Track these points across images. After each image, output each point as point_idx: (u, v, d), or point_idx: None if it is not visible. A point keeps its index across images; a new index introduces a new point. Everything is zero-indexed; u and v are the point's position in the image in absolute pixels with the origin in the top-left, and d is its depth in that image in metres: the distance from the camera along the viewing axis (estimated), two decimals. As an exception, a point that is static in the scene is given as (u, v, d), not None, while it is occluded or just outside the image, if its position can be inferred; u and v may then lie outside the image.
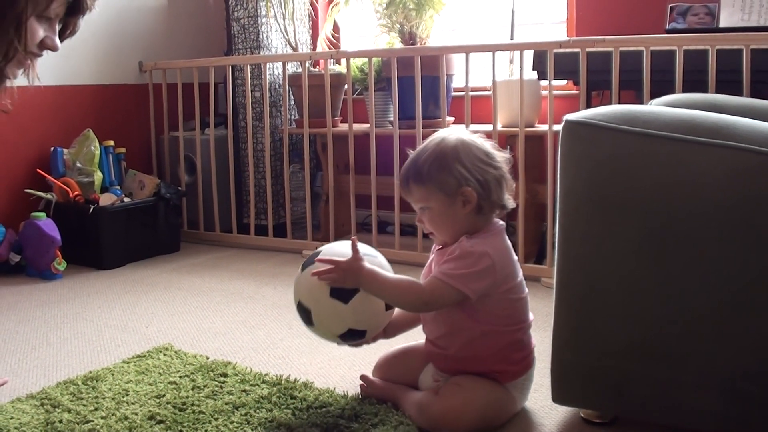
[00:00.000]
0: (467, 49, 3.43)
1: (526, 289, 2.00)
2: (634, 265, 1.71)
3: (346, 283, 1.89)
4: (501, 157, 1.97)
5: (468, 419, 1.86)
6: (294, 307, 2.02)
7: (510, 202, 1.98)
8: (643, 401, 1.77)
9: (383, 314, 1.99)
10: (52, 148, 3.93)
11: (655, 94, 2.72)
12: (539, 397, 2.08)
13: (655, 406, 1.76)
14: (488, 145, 1.96)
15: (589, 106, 3.15)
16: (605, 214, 1.73)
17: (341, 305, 1.90)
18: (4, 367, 2.41)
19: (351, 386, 2.16)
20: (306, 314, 1.96)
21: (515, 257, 1.98)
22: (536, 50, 3.37)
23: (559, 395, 1.89)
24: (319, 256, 1.94)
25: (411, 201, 1.99)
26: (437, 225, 1.97)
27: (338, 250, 1.97)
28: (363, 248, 1.95)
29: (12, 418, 1.98)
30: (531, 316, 2.01)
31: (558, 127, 1.87)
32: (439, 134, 1.97)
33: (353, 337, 1.97)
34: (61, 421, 1.95)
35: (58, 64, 4.01)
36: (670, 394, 1.74)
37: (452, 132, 1.98)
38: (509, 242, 1.98)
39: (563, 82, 3.80)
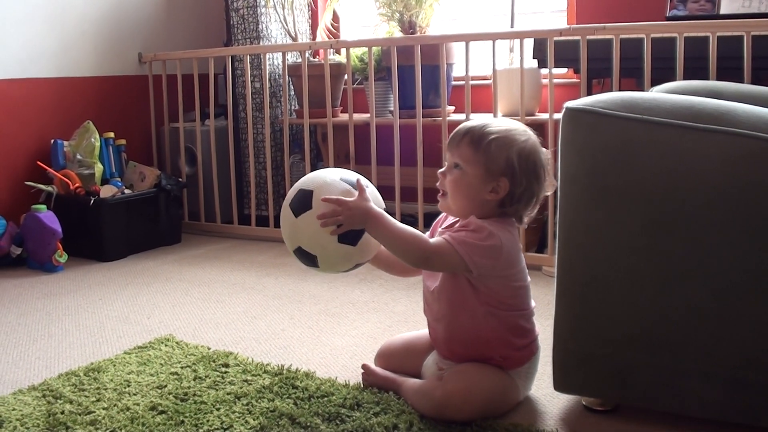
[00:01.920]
0: (467, 38, 3.42)
1: (529, 278, 1.98)
2: (636, 252, 1.71)
3: (353, 225, 1.87)
4: (550, 184, 1.96)
5: (472, 405, 1.86)
6: (290, 253, 1.99)
7: (525, 221, 1.98)
8: (644, 389, 1.77)
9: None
10: (52, 141, 3.92)
11: (655, 82, 2.71)
12: (541, 385, 2.08)
13: (657, 394, 1.76)
14: (549, 167, 1.96)
15: (589, 93, 3.14)
16: (606, 201, 1.72)
17: (350, 248, 1.89)
18: (7, 359, 2.41)
19: (352, 376, 2.16)
20: (310, 259, 1.92)
21: (520, 247, 1.97)
22: (536, 38, 3.36)
23: (561, 383, 1.89)
24: (324, 196, 1.89)
25: (450, 154, 1.95)
26: (457, 190, 1.93)
27: (329, 181, 1.94)
28: (363, 180, 1.95)
29: (14, 409, 1.98)
30: (533, 303, 2.01)
31: (559, 116, 1.87)
32: (524, 127, 1.97)
33: (356, 268, 1.99)
34: (62, 413, 1.95)
35: (58, 56, 4.01)
36: (671, 382, 1.74)
37: (533, 133, 1.97)
38: (517, 234, 1.96)
39: (564, 70, 3.79)
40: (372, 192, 1.97)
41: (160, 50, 4.41)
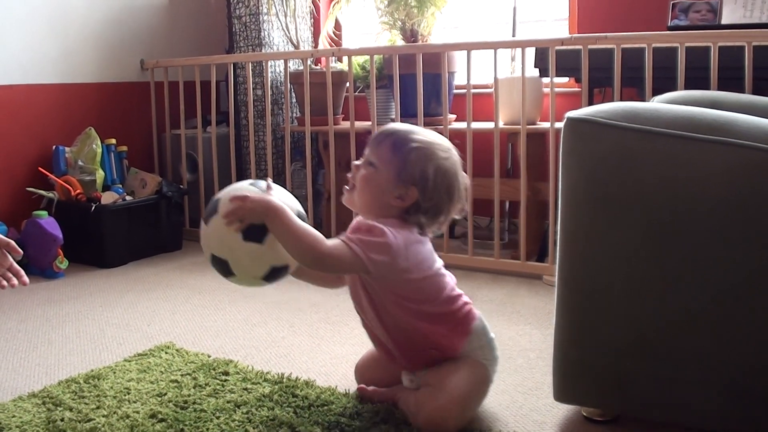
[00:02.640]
0: (469, 47, 3.42)
1: (437, 264, 1.98)
2: (636, 262, 1.71)
3: (253, 218, 1.82)
4: (461, 208, 1.97)
5: (454, 415, 1.86)
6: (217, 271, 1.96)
7: (426, 234, 1.97)
8: (645, 399, 1.77)
9: None
10: (53, 147, 3.93)
11: (657, 91, 2.72)
12: (541, 394, 2.08)
13: (657, 404, 1.76)
14: (463, 186, 1.96)
15: (591, 103, 3.14)
16: (607, 211, 1.72)
17: (257, 246, 1.83)
18: (7, 366, 2.41)
19: (352, 384, 2.16)
20: (223, 265, 1.89)
21: (422, 239, 1.95)
22: (538, 47, 3.37)
23: (561, 393, 1.89)
24: (232, 194, 1.87)
25: (370, 151, 1.95)
26: (366, 186, 1.94)
27: (237, 186, 1.94)
28: (273, 184, 1.95)
29: (14, 416, 1.98)
30: (453, 280, 2.03)
31: (560, 125, 1.87)
32: (450, 145, 1.97)
33: (277, 275, 1.91)
34: (62, 420, 1.95)
35: (60, 62, 4.02)
36: (672, 392, 1.74)
37: (455, 152, 1.97)
38: (424, 240, 1.96)
39: (565, 79, 3.80)
40: (283, 194, 1.95)
41: (162, 57, 4.42)
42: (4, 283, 2.09)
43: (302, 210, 1.96)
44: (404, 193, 1.89)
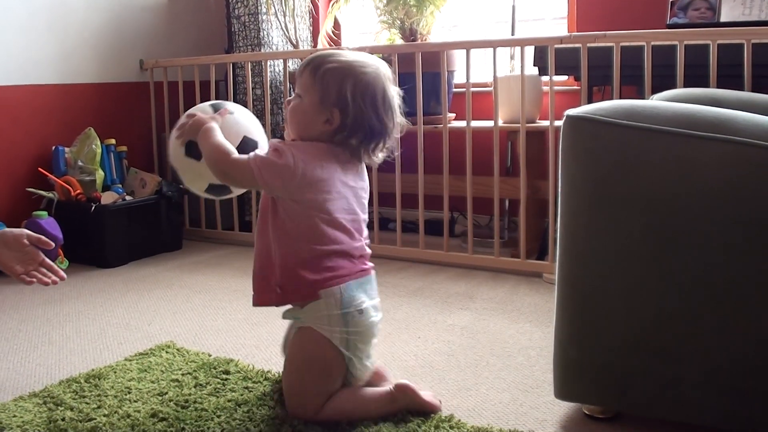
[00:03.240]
0: (468, 45, 3.42)
1: (350, 215, 1.95)
2: (636, 260, 1.71)
3: (190, 135, 1.97)
4: (398, 119, 1.97)
5: (292, 392, 1.92)
6: None
7: (373, 160, 1.98)
8: (645, 397, 1.77)
9: None
10: (53, 147, 3.93)
11: (656, 89, 2.72)
12: (542, 392, 2.09)
13: (658, 402, 1.76)
14: (395, 99, 1.96)
15: (590, 101, 3.14)
16: (607, 209, 1.72)
17: (195, 162, 1.99)
18: (8, 366, 2.42)
19: (353, 383, 2.16)
20: (175, 174, 2.07)
21: (343, 180, 1.93)
22: (537, 46, 3.37)
23: (562, 391, 1.89)
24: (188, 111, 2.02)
25: (297, 86, 1.97)
26: (293, 117, 1.96)
27: (198, 106, 2.07)
28: (230, 107, 2.05)
29: (15, 416, 1.98)
30: (364, 246, 2.00)
31: (559, 123, 1.87)
32: (376, 62, 1.96)
33: (218, 191, 2.07)
34: (63, 419, 1.95)
35: (60, 63, 4.02)
36: (672, 390, 1.74)
37: (379, 65, 1.96)
38: (341, 164, 1.93)
39: (564, 77, 3.80)
40: (244, 117, 2.07)
41: (161, 57, 4.42)
42: (45, 279, 2.13)
43: (257, 137, 2.06)
44: (330, 117, 1.89)
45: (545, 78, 3.39)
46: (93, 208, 3.69)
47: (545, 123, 3.42)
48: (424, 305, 2.93)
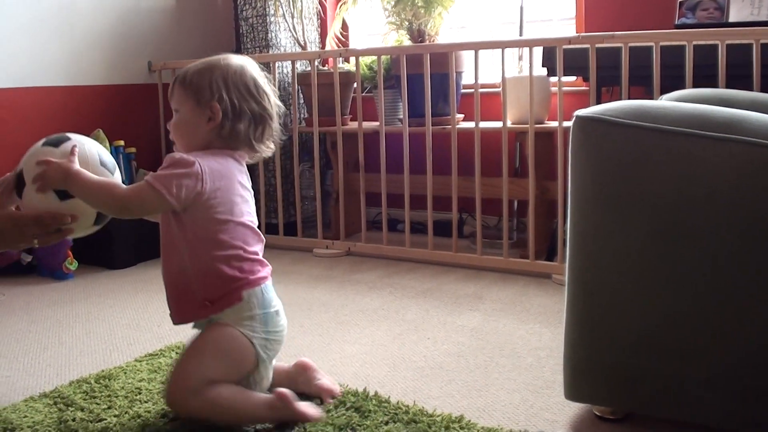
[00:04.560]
0: (476, 46, 3.42)
1: (249, 220, 1.95)
2: (646, 260, 1.71)
3: (55, 185, 1.85)
4: (274, 102, 2.00)
5: (176, 388, 1.85)
6: None
7: (264, 149, 2.01)
8: (655, 397, 1.77)
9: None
10: (62, 149, 3.93)
11: (665, 90, 2.72)
12: (552, 393, 2.08)
13: (668, 402, 1.76)
14: (267, 85, 1.99)
15: (599, 102, 3.14)
16: (616, 209, 1.72)
17: (75, 201, 1.88)
18: (18, 367, 2.42)
19: (363, 383, 2.16)
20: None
21: (242, 181, 1.95)
22: (545, 46, 3.37)
23: (572, 392, 1.89)
24: (35, 160, 1.88)
25: (172, 104, 1.97)
26: (179, 132, 1.95)
27: (32, 151, 1.95)
28: (75, 138, 1.95)
29: (25, 416, 1.99)
30: (256, 250, 1.96)
31: (568, 124, 1.87)
32: (241, 56, 2.01)
33: (104, 218, 2.01)
34: (74, 420, 1.96)
35: (68, 65, 4.02)
36: (681, 390, 1.73)
37: (243, 59, 2.00)
38: (238, 166, 1.95)
39: (572, 78, 3.80)
40: (87, 145, 1.96)
41: (169, 59, 4.43)
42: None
43: (107, 158, 2.00)
44: (211, 113, 1.90)
45: (554, 79, 3.38)
46: (102, 209, 3.69)
47: (554, 124, 3.42)
48: (433, 306, 2.93)
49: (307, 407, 1.91)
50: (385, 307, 2.95)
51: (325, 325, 2.75)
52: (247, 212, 1.95)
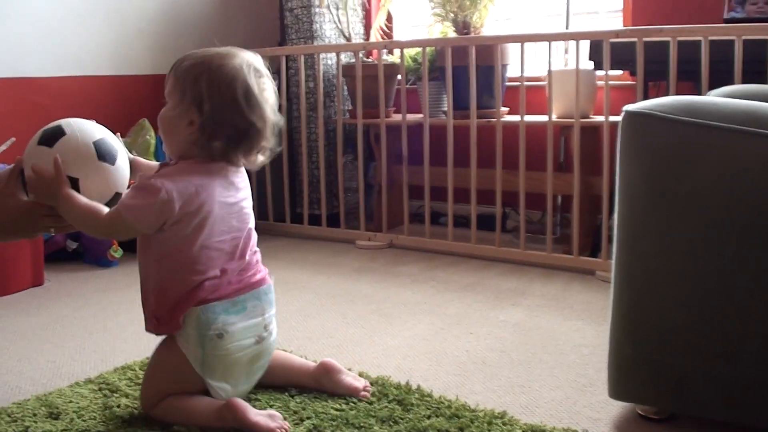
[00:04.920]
0: (523, 39, 3.40)
1: (218, 240, 1.85)
2: (695, 258, 1.68)
3: (45, 200, 1.83)
4: (267, 116, 1.85)
5: (143, 395, 1.92)
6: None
7: (250, 163, 1.91)
8: (701, 398, 1.75)
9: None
10: (109, 137, 3.97)
11: (712, 85, 2.68)
12: (595, 391, 2.07)
13: (714, 403, 1.74)
14: (264, 94, 1.85)
15: (646, 97, 3.11)
16: (665, 206, 1.70)
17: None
18: (63, 352, 2.45)
19: (405, 377, 2.16)
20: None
21: (222, 199, 1.86)
22: (593, 40, 3.34)
23: (616, 390, 1.87)
24: (30, 167, 1.83)
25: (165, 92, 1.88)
26: (162, 127, 1.88)
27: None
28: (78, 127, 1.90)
29: (71, 401, 2.01)
30: (216, 271, 1.86)
31: (614, 118, 1.85)
32: (242, 54, 1.87)
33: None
34: (118, 406, 1.98)
35: (115, 55, 4.06)
36: (728, 392, 1.71)
37: (246, 57, 1.87)
38: (223, 184, 1.87)
39: (619, 72, 3.76)
40: (84, 131, 1.90)
41: (215, 49, 4.44)
42: None
43: (106, 147, 1.90)
44: (193, 118, 1.80)
45: (600, 72, 3.35)
46: (147, 198, 3.72)
47: (599, 118, 3.39)
48: (475, 301, 2.92)
49: (261, 418, 1.81)
50: (427, 300, 2.94)
51: (367, 317, 2.75)
52: (221, 231, 1.86)
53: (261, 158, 1.93)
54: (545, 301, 2.91)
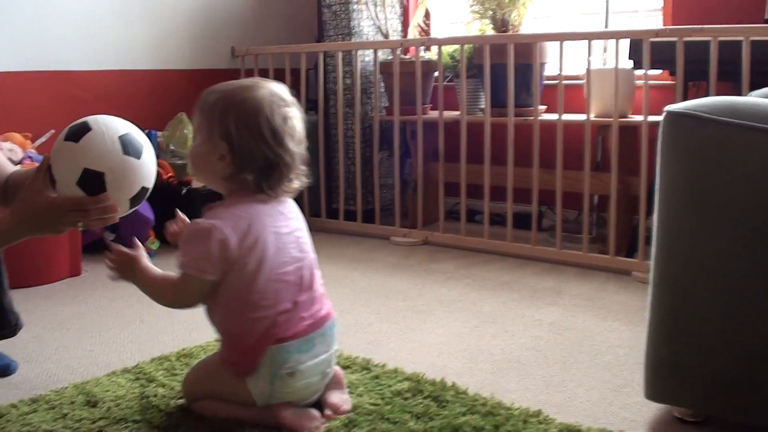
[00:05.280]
0: (562, 37, 3.38)
1: (280, 272, 1.81)
2: (736, 260, 1.67)
3: (125, 277, 1.87)
4: (293, 148, 1.82)
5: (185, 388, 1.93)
6: None
7: (283, 192, 1.86)
8: (739, 402, 1.73)
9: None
10: (146, 131, 4.00)
11: (753, 86, 2.65)
12: (631, 392, 2.06)
13: (752, 408, 1.72)
14: (288, 124, 1.81)
15: (685, 97, 3.08)
16: (706, 207, 1.69)
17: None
18: (100, 342, 2.48)
19: (440, 374, 2.15)
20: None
21: (275, 230, 1.82)
22: (632, 39, 3.31)
23: (652, 392, 1.86)
24: (62, 154, 1.81)
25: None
26: (192, 163, 1.88)
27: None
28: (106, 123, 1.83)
29: (108, 390, 2.03)
30: (287, 304, 1.81)
31: (653, 118, 1.83)
32: (264, 81, 1.84)
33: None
34: (155, 396, 1.99)
35: (153, 49, 4.10)
36: (766, 396, 1.69)
37: (271, 88, 1.82)
38: (271, 213, 1.83)
39: (658, 71, 3.73)
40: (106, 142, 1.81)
41: (252, 44, 4.47)
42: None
43: (131, 140, 1.83)
44: (223, 152, 1.77)
45: (638, 72, 3.33)
46: (184, 191, 3.76)
47: (638, 118, 3.36)
48: (511, 299, 2.92)
49: (299, 418, 1.83)
50: (462, 298, 2.94)
51: (401, 314, 2.76)
52: (283, 262, 1.82)
53: (296, 185, 1.89)
54: (581, 300, 2.89)
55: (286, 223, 1.87)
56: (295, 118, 1.83)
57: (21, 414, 1.89)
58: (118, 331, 2.59)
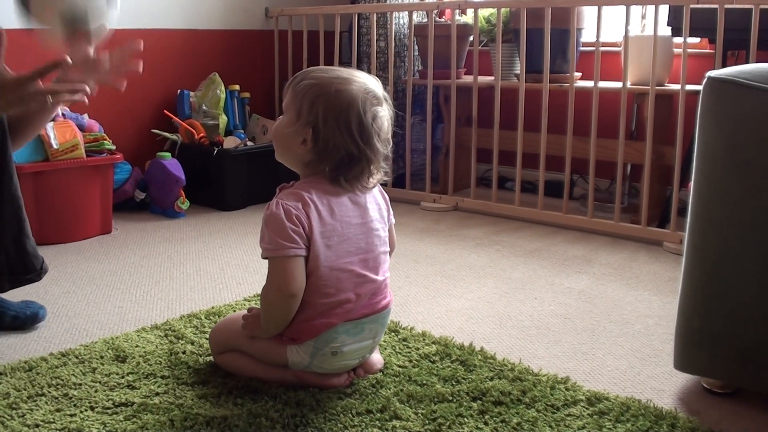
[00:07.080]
0: (600, 2, 3.32)
1: (346, 261, 1.79)
2: (773, 230, 1.64)
3: (254, 333, 1.85)
4: (378, 146, 1.79)
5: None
6: None
7: (361, 187, 1.83)
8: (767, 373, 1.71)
9: None
10: (178, 91, 4.01)
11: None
12: (659, 362, 2.04)
13: (784, 379, 1.71)
14: (380, 130, 1.79)
15: (724, 66, 3.02)
16: (745, 176, 1.66)
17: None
18: (130, 298, 2.49)
19: (468, 338, 2.15)
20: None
21: (346, 219, 1.81)
22: (672, 5, 3.26)
23: (682, 362, 1.84)
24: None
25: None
26: (274, 138, 1.86)
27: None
28: None
29: (137, 346, 2.05)
30: (347, 294, 1.79)
31: (690, 87, 1.80)
32: (360, 76, 1.81)
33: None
34: (184, 353, 2.00)
35: (187, 9, 4.08)
36: (801, 367, 1.68)
37: (365, 83, 1.79)
38: (341, 202, 1.81)
39: (696, 39, 3.67)
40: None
41: (287, 5, 4.44)
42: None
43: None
44: (307, 138, 1.76)
45: (677, 39, 3.27)
46: (215, 151, 3.76)
47: (675, 86, 3.31)
48: (541, 266, 2.90)
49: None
50: (491, 264, 2.92)
51: (431, 278, 2.75)
52: (348, 252, 1.79)
53: (374, 181, 1.87)
54: (611, 269, 2.87)
55: (363, 213, 1.85)
56: (384, 117, 1.81)
57: (51, 367, 1.91)
58: (148, 289, 2.60)
